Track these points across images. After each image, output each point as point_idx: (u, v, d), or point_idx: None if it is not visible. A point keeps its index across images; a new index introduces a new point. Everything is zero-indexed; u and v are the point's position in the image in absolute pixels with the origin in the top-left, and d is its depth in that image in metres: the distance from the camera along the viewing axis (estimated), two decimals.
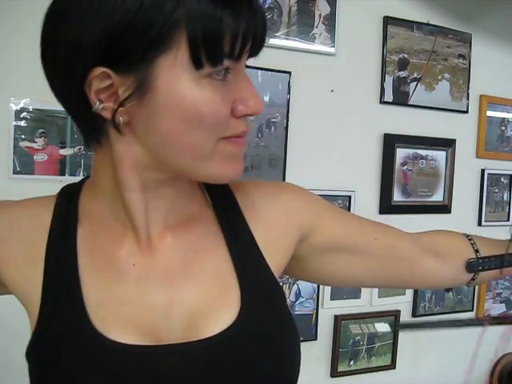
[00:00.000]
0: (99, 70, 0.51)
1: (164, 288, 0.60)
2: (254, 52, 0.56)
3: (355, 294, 1.91)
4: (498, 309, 2.22)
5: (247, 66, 0.58)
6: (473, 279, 0.79)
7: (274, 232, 0.68)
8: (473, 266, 0.77)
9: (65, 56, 0.52)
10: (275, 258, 0.67)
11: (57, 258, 0.60)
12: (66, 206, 0.64)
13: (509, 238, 0.79)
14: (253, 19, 0.52)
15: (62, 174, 1.47)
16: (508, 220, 2.24)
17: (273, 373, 0.60)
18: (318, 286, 1.83)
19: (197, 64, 0.51)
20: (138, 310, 0.58)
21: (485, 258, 0.77)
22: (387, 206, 1.93)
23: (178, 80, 0.51)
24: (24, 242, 0.61)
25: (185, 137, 0.54)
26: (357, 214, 0.78)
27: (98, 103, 0.53)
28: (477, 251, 0.78)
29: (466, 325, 2.10)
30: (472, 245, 0.79)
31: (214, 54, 0.50)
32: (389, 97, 1.91)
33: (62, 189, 0.67)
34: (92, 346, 0.56)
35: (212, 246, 0.64)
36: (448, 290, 0.87)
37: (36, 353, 0.58)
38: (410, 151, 1.97)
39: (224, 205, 0.67)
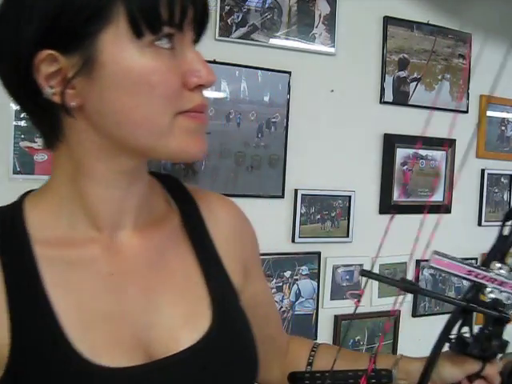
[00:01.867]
0: (45, 52, 0.51)
1: (142, 297, 0.59)
2: (199, 23, 0.56)
3: (355, 294, 1.91)
4: None
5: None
6: None
7: (231, 252, 0.69)
8: (295, 379, 0.72)
9: (9, 42, 0.53)
10: (233, 273, 0.68)
11: (20, 289, 0.54)
12: (10, 231, 0.57)
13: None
14: None
15: None
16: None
17: (248, 371, 0.64)
18: (318, 286, 1.83)
19: (137, 33, 0.51)
20: (122, 324, 0.57)
21: (313, 373, 0.72)
22: (387, 205, 1.93)
23: (122, 52, 0.51)
24: None
25: (137, 111, 0.53)
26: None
27: (48, 88, 0.53)
28: (310, 364, 0.76)
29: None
30: (309, 357, 0.77)
31: (152, 22, 0.51)
32: (389, 97, 1.91)
33: None
34: (86, 377, 0.53)
35: (181, 250, 0.65)
36: None
37: None
38: (410, 151, 1.97)
39: (187, 210, 0.68)
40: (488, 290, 0.58)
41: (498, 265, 0.59)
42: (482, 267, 0.58)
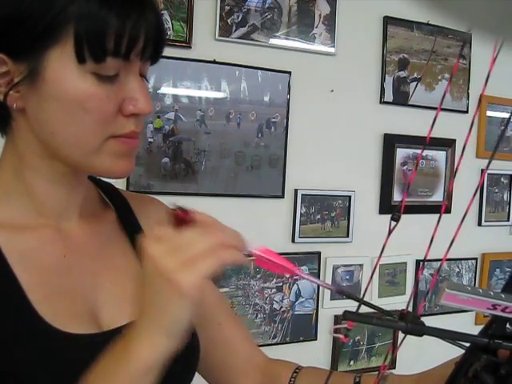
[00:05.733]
0: None
1: (90, 277, 0.64)
2: (151, 55, 0.58)
3: (355, 294, 1.91)
4: None
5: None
6: None
7: None
8: None
9: None
10: None
11: None
12: None
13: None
14: (142, 22, 0.55)
15: None
16: (508, 220, 2.24)
17: (188, 344, 0.66)
18: (318, 286, 1.83)
19: (80, 58, 0.54)
20: (76, 300, 0.62)
21: None
22: (387, 206, 1.93)
23: (64, 72, 0.55)
24: None
25: (70, 129, 0.57)
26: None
27: None
28: None
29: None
30: (291, 378, 0.76)
31: (96, 51, 0.54)
32: (389, 97, 1.91)
33: None
34: (53, 342, 0.56)
35: (118, 240, 0.71)
36: None
37: None
38: (410, 151, 1.98)
39: (121, 208, 0.73)
40: None
41: None
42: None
